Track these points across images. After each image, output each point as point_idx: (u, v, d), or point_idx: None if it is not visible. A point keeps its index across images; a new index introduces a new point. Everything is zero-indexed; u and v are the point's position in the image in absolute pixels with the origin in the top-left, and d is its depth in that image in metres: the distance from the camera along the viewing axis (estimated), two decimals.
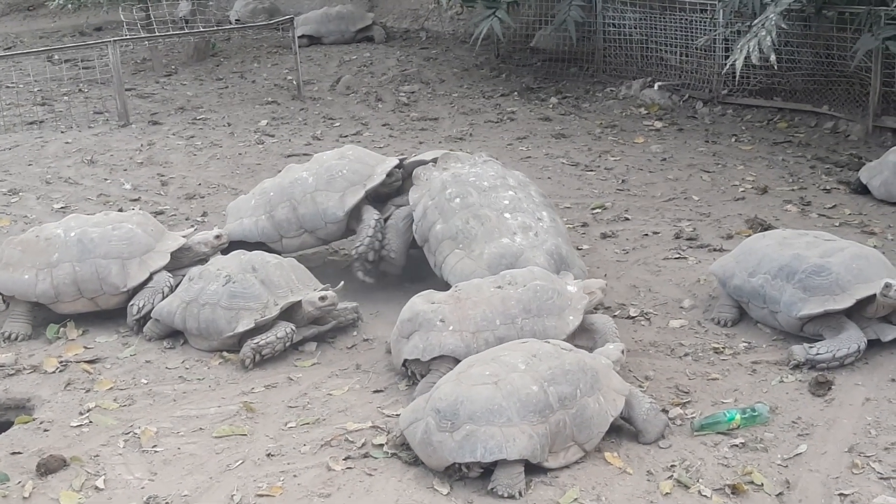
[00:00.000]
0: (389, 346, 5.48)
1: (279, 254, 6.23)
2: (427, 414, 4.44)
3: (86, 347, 5.87)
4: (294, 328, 5.66)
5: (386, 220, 6.47)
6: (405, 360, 5.22)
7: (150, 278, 6.07)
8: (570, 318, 5.23)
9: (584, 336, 5.32)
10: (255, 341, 5.54)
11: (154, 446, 4.77)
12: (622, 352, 5.01)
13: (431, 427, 4.37)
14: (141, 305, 5.98)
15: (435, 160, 6.53)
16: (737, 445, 4.61)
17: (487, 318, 5.11)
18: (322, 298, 5.72)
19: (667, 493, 4.28)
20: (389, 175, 6.52)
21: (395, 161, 6.63)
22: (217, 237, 6.44)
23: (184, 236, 6.41)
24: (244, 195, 6.90)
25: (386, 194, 6.63)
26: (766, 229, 6.95)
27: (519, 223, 5.90)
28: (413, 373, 5.22)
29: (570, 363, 4.54)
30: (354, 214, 6.45)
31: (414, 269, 6.48)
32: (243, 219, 6.62)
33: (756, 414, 4.77)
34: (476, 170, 6.30)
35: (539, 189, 6.44)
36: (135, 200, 8.47)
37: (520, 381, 4.38)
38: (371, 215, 6.41)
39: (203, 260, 6.32)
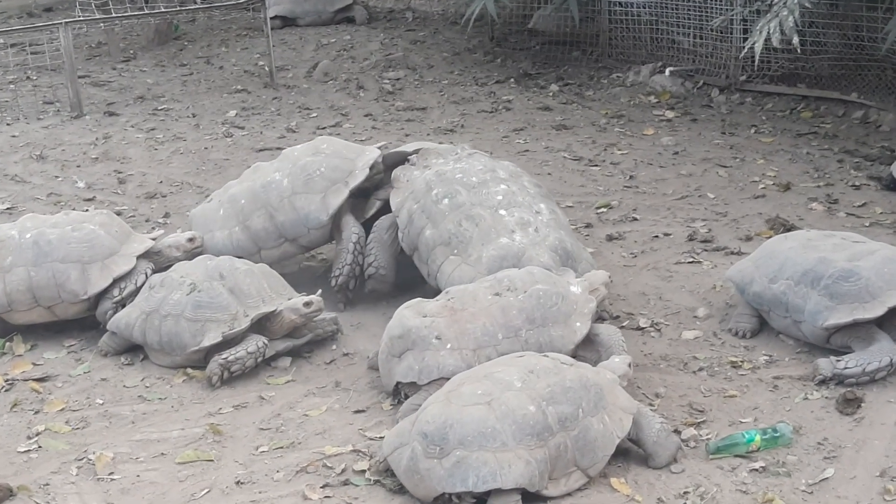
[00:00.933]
0: (375, 362, 5.47)
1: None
2: (413, 438, 4.43)
3: (34, 364, 5.85)
4: (266, 342, 5.65)
5: (366, 223, 6.46)
6: (398, 383, 5.20)
7: (112, 285, 6.05)
8: (577, 325, 5.23)
9: (587, 347, 5.33)
10: (223, 356, 5.54)
11: (110, 474, 4.76)
12: (629, 365, 5.01)
13: (418, 453, 4.37)
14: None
15: (417, 151, 6.53)
16: (757, 470, 4.61)
17: (488, 332, 5.10)
18: (307, 304, 5.71)
19: None
20: (372, 168, 6.51)
21: (376, 152, 6.60)
22: (190, 240, 6.42)
23: (153, 238, 6.40)
24: (208, 203, 6.78)
25: (367, 188, 6.63)
26: (788, 230, 6.97)
27: (516, 219, 5.90)
28: (406, 395, 5.18)
29: (570, 379, 4.54)
30: (336, 219, 6.43)
31: (399, 276, 6.47)
32: (214, 232, 6.54)
33: (778, 435, 4.78)
34: (461, 164, 6.29)
35: (533, 179, 6.44)
36: (89, 200, 8.46)
37: (515, 401, 4.38)
38: (350, 233, 6.36)
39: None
